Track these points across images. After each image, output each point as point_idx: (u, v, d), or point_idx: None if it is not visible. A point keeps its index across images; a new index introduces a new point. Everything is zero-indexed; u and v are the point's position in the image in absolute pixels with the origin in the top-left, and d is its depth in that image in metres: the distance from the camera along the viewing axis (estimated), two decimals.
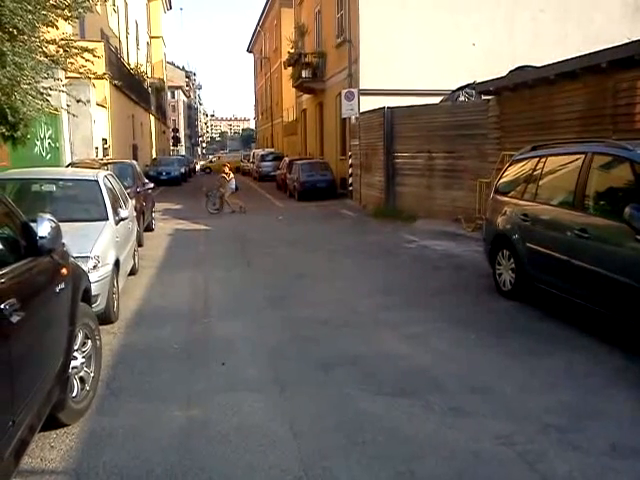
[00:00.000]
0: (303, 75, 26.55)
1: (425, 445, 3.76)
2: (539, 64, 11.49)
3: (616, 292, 5.31)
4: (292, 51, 29.08)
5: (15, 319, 2.90)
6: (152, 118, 41.08)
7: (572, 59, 9.62)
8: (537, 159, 7.16)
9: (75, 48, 12.44)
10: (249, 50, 61.86)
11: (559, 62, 10.00)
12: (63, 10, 11.49)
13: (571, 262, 5.90)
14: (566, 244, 6.02)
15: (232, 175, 18.50)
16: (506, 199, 7.63)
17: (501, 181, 8.02)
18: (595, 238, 5.63)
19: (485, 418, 4.10)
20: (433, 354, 5.44)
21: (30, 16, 9.74)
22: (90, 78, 14.36)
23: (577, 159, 6.24)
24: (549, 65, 10.38)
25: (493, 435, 3.85)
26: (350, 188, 20.85)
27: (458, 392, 4.55)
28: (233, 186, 18.25)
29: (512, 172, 7.84)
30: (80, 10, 12.04)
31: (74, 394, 4.05)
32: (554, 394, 4.47)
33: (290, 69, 29.18)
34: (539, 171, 7.02)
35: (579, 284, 5.90)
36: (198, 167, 53.95)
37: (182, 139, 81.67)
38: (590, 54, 9.17)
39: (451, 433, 3.90)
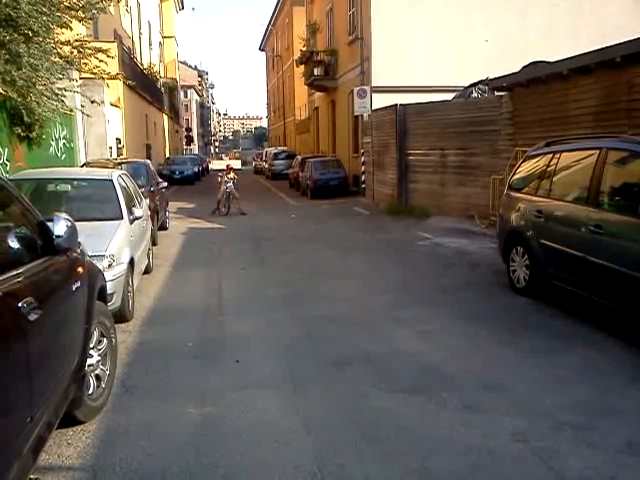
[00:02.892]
0: (315, 73, 26.55)
1: (439, 442, 3.76)
2: (552, 59, 11.41)
3: (631, 288, 5.26)
4: (304, 49, 29.10)
5: (32, 317, 2.93)
6: (165, 117, 41.30)
7: (586, 54, 9.53)
8: (551, 155, 7.12)
9: (89, 49, 12.55)
10: (261, 48, 62.01)
11: (572, 57, 9.91)
12: (77, 11, 11.60)
13: (585, 258, 5.86)
14: (580, 240, 5.99)
15: (232, 175, 17.82)
16: (520, 195, 7.60)
17: (515, 177, 7.99)
18: (610, 234, 5.59)
19: (499, 415, 4.09)
20: (447, 351, 5.44)
21: (45, 18, 9.83)
22: (104, 78, 14.49)
23: (591, 155, 6.20)
24: (562, 60, 10.30)
25: (507, 432, 3.84)
26: (363, 185, 20.84)
27: (472, 389, 4.54)
28: (231, 184, 17.66)
29: (526, 168, 7.80)
30: (94, 11, 12.17)
31: (90, 392, 4.09)
32: (569, 391, 4.45)
33: (302, 67, 29.21)
34: (553, 167, 6.98)
35: (593, 281, 5.86)
36: (211, 166, 53.88)
37: (195, 138, 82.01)
38: (604, 49, 9.08)
39: (465, 430, 3.90)
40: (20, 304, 2.87)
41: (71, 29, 11.63)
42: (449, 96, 16.71)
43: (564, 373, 4.80)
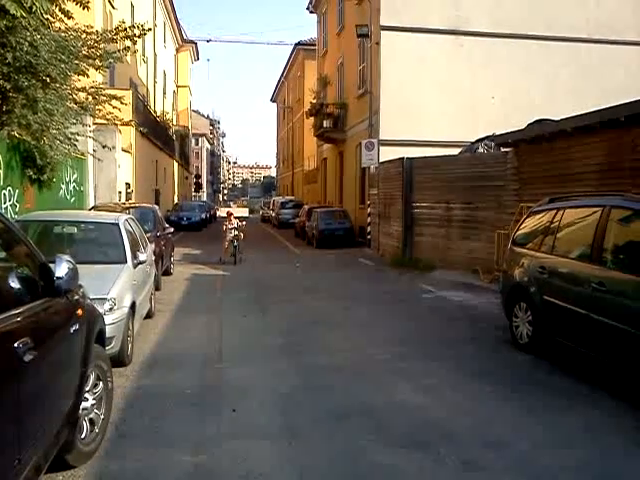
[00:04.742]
0: (324, 125, 27.01)
1: None
2: (557, 117, 11.59)
3: (633, 347, 5.20)
4: (314, 101, 29.67)
5: (28, 358, 2.92)
6: (175, 164, 41.88)
7: (590, 113, 9.69)
8: (555, 211, 7.16)
9: (104, 96, 12.85)
10: (273, 100, 63.33)
11: (577, 116, 10.07)
12: (95, 60, 11.92)
13: (589, 316, 5.82)
14: (583, 298, 5.95)
15: (236, 222, 17.60)
16: (523, 251, 7.61)
17: (518, 233, 8.01)
18: (613, 292, 5.56)
19: (499, 474, 4.00)
20: (447, 406, 5.35)
21: (63, 65, 10.11)
22: (117, 124, 14.78)
23: (595, 212, 6.23)
24: (567, 118, 10.46)
25: None
26: (368, 237, 20.91)
27: (472, 445, 4.45)
28: (235, 233, 17.22)
29: (530, 224, 7.83)
30: (111, 60, 12.48)
31: (83, 436, 4.03)
32: (571, 451, 4.35)
33: (312, 119, 29.73)
34: (556, 223, 7.01)
35: (595, 338, 5.81)
36: (219, 213, 54.20)
37: (204, 185, 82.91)
38: (608, 108, 9.23)
39: None
40: (16, 344, 2.86)
41: (88, 76, 11.93)
42: (455, 151, 16.94)
43: (566, 432, 4.71)
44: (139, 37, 13.07)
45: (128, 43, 13.00)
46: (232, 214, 18.57)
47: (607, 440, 4.55)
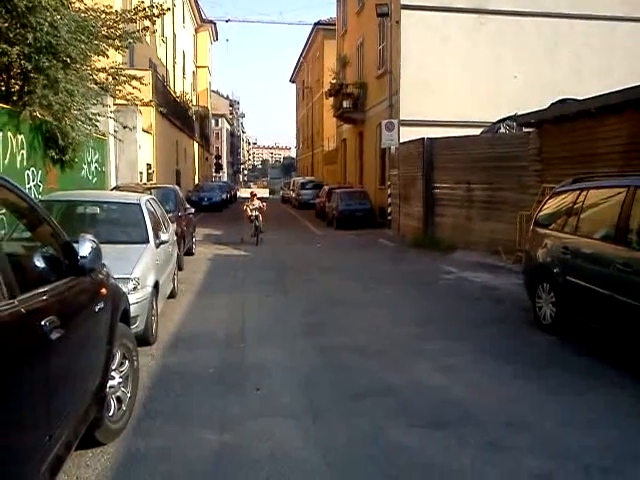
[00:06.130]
0: (344, 105, 26.82)
1: None
2: (582, 97, 11.38)
3: None
4: (334, 82, 29.44)
5: (55, 336, 2.95)
6: (196, 145, 41.95)
7: (614, 92, 9.48)
8: (578, 192, 7.05)
9: (124, 76, 12.87)
10: (292, 80, 63.01)
11: (601, 95, 9.87)
12: (114, 40, 11.94)
13: (613, 297, 5.75)
14: (608, 279, 5.88)
15: (257, 203, 17.81)
16: (546, 232, 7.52)
17: (541, 213, 7.92)
18: (639, 273, 5.48)
19: (522, 454, 3.99)
20: (469, 386, 5.34)
21: (83, 46, 10.15)
22: (137, 105, 14.80)
23: (619, 192, 6.13)
24: (591, 98, 10.26)
25: (531, 472, 3.74)
26: (389, 217, 20.82)
27: (494, 426, 4.44)
28: (257, 213, 17.41)
29: (552, 204, 7.74)
30: (130, 40, 12.50)
31: (111, 413, 4.09)
32: (595, 432, 4.32)
33: (331, 99, 29.52)
34: (580, 204, 6.90)
35: (621, 320, 5.74)
36: (239, 194, 54.32)
37: (224, 166, 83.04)
38: (632, 88, 9.02)
39: (487, 468, 3.80)
40: (43, 322, 2.89)
41: (107, 57, 11.96)
42: (477, 131, 16.74)
43: (589, 413, 4.68)
44: (158, 17, 13.08)
45: (147, 23, 13.00)
46: (256, 195, 18.82)
47: (632, 422, 4.51)
